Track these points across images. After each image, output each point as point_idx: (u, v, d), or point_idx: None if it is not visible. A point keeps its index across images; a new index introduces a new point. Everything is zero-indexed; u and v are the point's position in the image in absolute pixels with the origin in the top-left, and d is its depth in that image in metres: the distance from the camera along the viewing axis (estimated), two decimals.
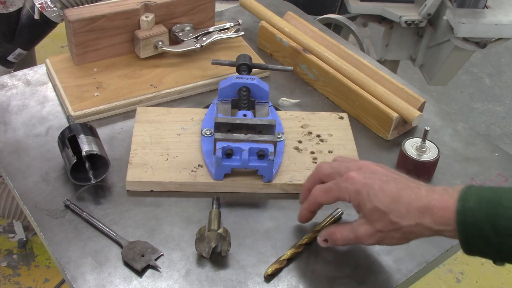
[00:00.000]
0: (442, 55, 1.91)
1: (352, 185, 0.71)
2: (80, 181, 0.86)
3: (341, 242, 0.75)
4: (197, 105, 1.05)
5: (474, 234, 0.63)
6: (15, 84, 1.07)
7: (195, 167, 0.88)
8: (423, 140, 0.92)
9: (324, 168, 0.77)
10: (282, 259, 0.77)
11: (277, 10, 1.29)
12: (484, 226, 0.62)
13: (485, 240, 0.63)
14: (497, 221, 0.61)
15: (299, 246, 0.79)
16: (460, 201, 0.64)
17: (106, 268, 0.76)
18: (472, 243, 0.64)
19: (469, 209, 0.63)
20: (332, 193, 0.74)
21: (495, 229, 0.61)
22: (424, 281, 1.85)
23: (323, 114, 1.01)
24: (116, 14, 1.04)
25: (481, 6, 1.77)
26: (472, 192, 0.65)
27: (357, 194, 0.70)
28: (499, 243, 0.62)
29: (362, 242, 0.72)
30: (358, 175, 0.71)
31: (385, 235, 0.70)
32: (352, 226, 0.73)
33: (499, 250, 0.63)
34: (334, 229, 0.75)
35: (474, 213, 0.63)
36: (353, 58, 1.09)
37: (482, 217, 0.62)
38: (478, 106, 2.75)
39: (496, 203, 0.62)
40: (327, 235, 0.76)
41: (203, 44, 1.12)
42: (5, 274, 1.79)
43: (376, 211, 0.69)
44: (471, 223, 0.63)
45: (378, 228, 0.70)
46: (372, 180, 0.70)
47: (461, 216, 0.64)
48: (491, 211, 0.62)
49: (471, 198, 0.64)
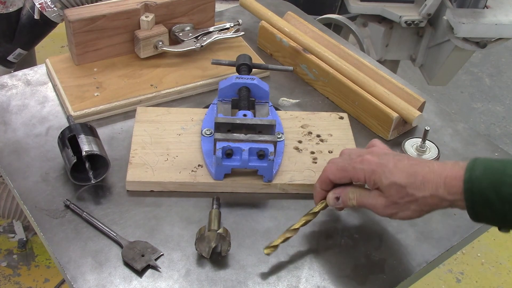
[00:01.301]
0: (442, 55, 1.91)
1: (368, 165, 0.74)
2: (80, 181, 0.86)
3: (354, 202, 0.76)
4: (197, 105, 1.05)
5: (479, 201, 0.66)
6: (15, 84, 1.07)
7: (195, 167, 0.88)
8: (423, 140, 0.92)
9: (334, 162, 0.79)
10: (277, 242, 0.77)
11: (277, 10, 1.29)
12: (489, 193, 0.65)
13: (490, 206, 0.66)
14: (501, 188, 0.65)
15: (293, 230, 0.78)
16: (467, 170, 0.68)
17: (106, 268, 0.76)
18: (478, 210, 0.67)
19: (475, 177, 0.67)
20: (347, 172, 0.76)
21: (499, 196, 0.65)
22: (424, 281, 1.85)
23: (323, 114, 1.01)
24: (116, 14, 1.04)
25: (481, 6, 1.77)
26: (479, 162, 0.68)
27: (372, 173, 0.73)
28: (503, 209, 0.65)
29: (376, 210, 0.75)
30: (372, 157, 0.74)
31: (401, 207, 0.72)
32: (369, 192, 0.75)
33: (503, 216, 0.66)
34: (351, 188, 0.77)
35: (480, 181, 0.66)
36: (353, 58, 1.09)
37: (487, 184, 0.66)
38: (478, 106, 2.75)
39: (501, 172, 0.66)
40: (341, 192, 0.77)
41: (203, 44, 1.12)
42: (5, 274, 1.79)
43: (393, 186, 0.72)
44: (477, 191, 0.66)
45: (394, 200, 0.72)
46: (386, 159, 0.73)
47: (468, 184, 0.67)
48: (496, 179, 0.65)
49: (478, 167, 0.67)
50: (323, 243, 0.82)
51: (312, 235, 0.83)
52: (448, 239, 0.84)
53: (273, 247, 0.77)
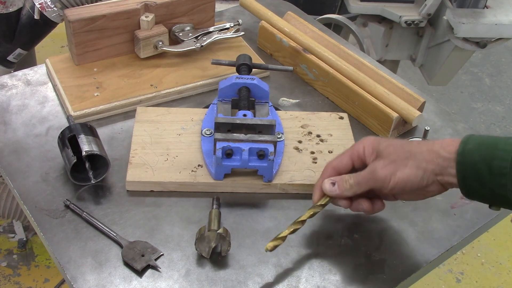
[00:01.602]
0: (442, 55, 1.91)
1: (366, 140, 0.77)
2: (80, 181, 0.86)
3: (351, 181, 0.76)
4: (197, 105, 1.05)
5: (471, 174, 0.68)
6: (15, 84, 1.07)
7: (195, 167, 0.88)
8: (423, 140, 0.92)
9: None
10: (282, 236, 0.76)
11: (277, 10, 1.29)
12: (480, 166, 0.67)
13: (480, 180, 0.67)
14: (492, 162, 0.66)
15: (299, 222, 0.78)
16: (461, 143, 0.70)
17: (106, 268, 0.76)
18: (469, 184, 0.69)
19: (468, 150, 0.69)
20: (345, 152, 0.79)
21: (490, 169, 0.66)
22: (424, 281, 1.85)
23: (323, 114, 1.01)
24: (116, 14, 1.04)
25: (481, 6, 1.77)
26: (474, 137, 0.70)
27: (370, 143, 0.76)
28: (492, 182, 0.67)
29: (375, 174, 0.74)
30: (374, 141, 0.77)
31: (399, 165, 0.73)
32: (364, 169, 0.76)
33: (492, 190, 0.67)
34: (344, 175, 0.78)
35: (472, 154, 0.68)
36: (353, 58, 1.09)
37: (479, 157, 0.67)
38: (478, 106, 2.75)
39: (493, 146, 0.67)
40: (337, 178, 0.78)
41: (203, 44, 1.12)
42: (5, 274, 1.79)
43: (391, 145, 0.75)
44: (469, 163, 0.68)
45: (392, 158, 0.73)
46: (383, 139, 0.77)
47: (460, 157, 0.69)
48: (487, 152, 0.67)
49: (472, 142, 0.69)
50: (323, 243, 0.82)
51: (312, 235, 0.83)
52: (448, 239, 0.84)
53: (280, 239, 0.76)
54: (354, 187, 0.76)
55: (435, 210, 0.88)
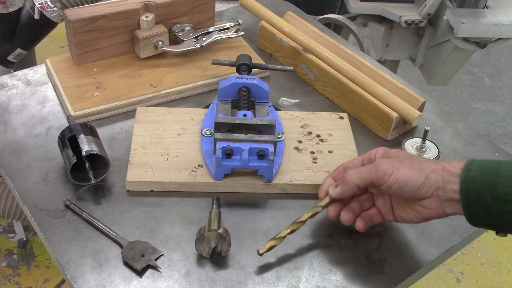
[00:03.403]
0: (442, 55, 1.91)
1: (379, 148, 0.79)
2: (80, 181, 0.86)
3: (354, 176, 0.75)
4: (197, 105, 1.05)
5: (475, 201, 0.68)
6: (15, 84, 1.07)
7: (195, 167, 0.88)
8: (423, 140, 0.92)
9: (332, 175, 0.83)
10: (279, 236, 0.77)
11: (277, 10, 1.29)
12: (484, 192, 0.67)
13: (485, 207, 0.67)
14: (495, 188, 0.66)
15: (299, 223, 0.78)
16: (464, 171, 0.70)
17: (106, 268, 0.76)
18: (474, 211, 0.68)
19: (471, 178, 0.68)
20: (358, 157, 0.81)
21: (494, 196, 0.66)
22: (424, 281, 1.85)
23: (323, 114, 1.01)
24: (116, 14, 1.04)
25: (481, 6, 1.77)
26: (475, 163, 0.70)
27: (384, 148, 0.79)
28: (497, 209, 0.66)
29: (380, 164, 0.74)
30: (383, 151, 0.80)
31: (403, 164, 0.73)
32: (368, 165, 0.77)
33: (498, 217, 0.67)
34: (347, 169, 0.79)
35: (475, 181, 0.68)
36: (353, 58, 1.09)
37: (482, 184, 0.67)
38: (478, 106, 2.75)
39: (496, 172, 0.67)
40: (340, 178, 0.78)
41: (203, 44, 1.12)
42: (5, 274, 1.79)
43: (401, 152, 0.77)
44: (472, 191, 0.68)
45: (399, 158, 0.75)
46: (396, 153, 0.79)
47: (464, 185, 0.69)
48: (490, 179, 0.67)
49: (474, 168, 0.69)
50: (323, 243, 0.82)
51: (312, 235, 0.83)
52: (448, 239, 0.84)
53: (277, 239, 0.76)
54: (354, 176, 0.75)
55: None
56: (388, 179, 0.72)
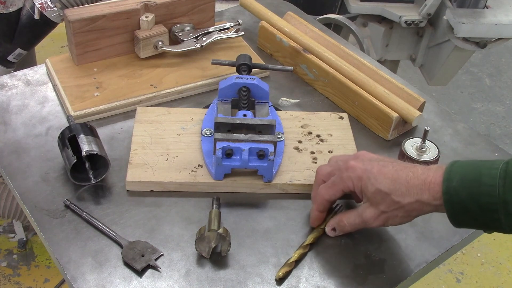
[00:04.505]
0: (442, 55, 1.91)
1: (353, 172, 0.75)
2: (80, 181, 0.86)
3: (349, 228, 0.79)
4: (197, 105, 1.05)
5: (460, 211, 0.67)
6: (15, 84, 1.07)
7: (195, 167, 0.88)
8: (423, 140, 0.92)
9: (323, 169, 0.81)
10: (291, 261, 0.77)
11: (277, 10, 1.29)
12: (469, 204, 0.66)
13: (472, 216, 0.67)
14: (480, 199, 0.65)
15: (305, 246, 0.79)
16: (444, 181, 0.68)
17: (106, 268, 0.76)
18: (460, 219, 0.68)
19: (452, 188, 0.67)
20: (337, 186, 0.78)
21: (479, 206, 0.65)
22: (424, 281, 1.85)
23: (323, 114, 1.01)
24: (116, 14, 1.04)
25: (481, 6, 1.77)
26: (455, 171, 0.68)
27: (359, 180, 0.75)
28: (484, 218, 0.66)
29: (368, 225, 0.76)
30: (357, 163, 0.76)
31: (389, 215, 0.74)
32: (357, 211, 0.77)
33: (486, 224, 0.67)
34: (341, 216, 0.80)
35: (458, 192, 0.66)
36: (353, 58, 1.09)
37: (466, 196, 0.66)
38: (478, 106, 2.75)
39: (477, 181, 0.65)
40: (335, 223, 0.80)
41: (203, 44, 1.12)
42: (5, 274, 1.79)
43: (378, 193, 0.73)
44: (457, 202, 0.67)
45: (382, 209, 0.73)
46: (370, 165, 0.74)
47: (446, 196, 0.67)
48: (473, 189, 0.65)
49: (454, 177, 0.67)
50: (323, 243, 0.82)
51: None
52: (448, 239, 0.84)
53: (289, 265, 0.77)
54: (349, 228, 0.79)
55: None
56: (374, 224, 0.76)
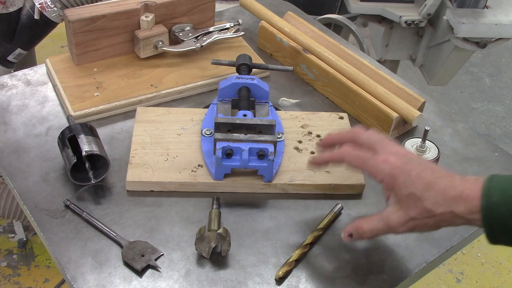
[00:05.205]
0: (442, 55, 1.91)
1: (390, 169, 0.70)
2: (80, 181, 0.86)
3: (369, 234, 0.73)
4: (197, 105, 1.05)
5: (499, 228, 0.64)
6: (15, 84, 1.07)
7: (195, 167, 0.88)
8: (423, 140, 0.92)
9: (362, 134, 0.76)
10: (290, 260, 0.77)
11: (277, 10, 1.29)
12: (510, 220, 0.62)
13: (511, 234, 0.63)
14: None
15: (305, 246, 0.79)
16: (484, 197, 0.64)
17: (106, 268, 0.76)
18: (499, 236, 0.65)
19: (493, 204, 0.64)
20: (365, 166, 0.73)
21: None
22: (424, 281, 1.85)
23: (323, 114, 1.01)
24: (116, 14, 1.04)
25: (481, 6, 1.77)
26: (495, 185, 0.65)
27: (393, 179, 0.70)
28: None
29: (394, 231, 0.71)
30: (397, 160, 0.71)
31: (418, 223, 0.69)
32: (382, 216, 0.71)
33: None
34: (361, 221, 0.73)
35: (498, 208, 0.63)
36: (353, 58, 1.09)
37: (507, 211, 0.63)
38: (478, 106, 2.75)
39: None
40: (353, 229, 0.74)
41: (203, 44, 1.12)
42: (5, 274, 1.79)
43: (411, 198, 0.68)
44: (496, 218, 0.63)
45: (412, 215, 0.69)
46: (409, 166, 0.70)
47: (485, 211, 0.64)
48: None
49: (495, 192, 0.64)
50: (323, 243, 0.82)
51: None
52: (448, 239, 0.84)
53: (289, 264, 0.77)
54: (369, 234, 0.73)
55: None
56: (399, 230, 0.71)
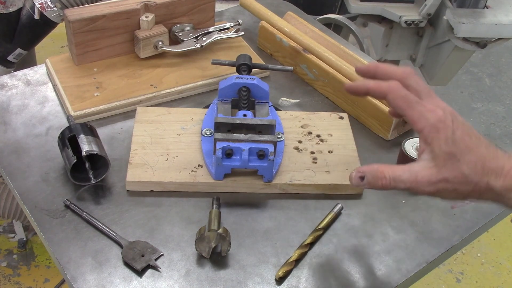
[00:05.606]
0: (442, 55, 1.91)
1: (436, 120, 0.65)
2: (80, 181, 0.86)
3: (387, 182, 0.65)
4: (197, 105, 1.05)
5: None
6: (15, 84, 1.07)
7: (195, 167, 0.88)
8: None
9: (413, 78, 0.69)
10: (290, 260, 0.77)
11: (277, 10, 1.29)
12: None
13: None
14: None
15: (305, 246, 0.79)
16: None
17: (106, 268, 0.76)
18: None
19: None
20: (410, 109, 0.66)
21: None
22: (424, 281, 1.85)
23: (323, 114, 1.01)
24: (116, 14, 1.04)
25: (481, 6, 1.77)
26: None
27: (435, 131, 0.64)
28: None
29: (419, 188, 0.65)
30: (444, 115, 0.65)
31: (449, 186, 0.64)
32: (410, 167, 0.65)
33: None
34: (381, 166, 0.66)
35: None
36: (353, 58, 1.09)
37: None
38: (478, 106, 2.75)
39: None
40: (369, 170, 0.66)
41: (203, 44, 1.12)
42: (5, 274, 1.79)
43: (450, 157, 0.63)
44: None
45: (446, 175, 0.64)
46: (456, 125, 0.65)
47: None
48: None
49: None
50: (323, 243, 0.82)
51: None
52: (448, 239, 0.84)
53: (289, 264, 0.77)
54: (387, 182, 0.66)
55: (435, 210, 0.88)
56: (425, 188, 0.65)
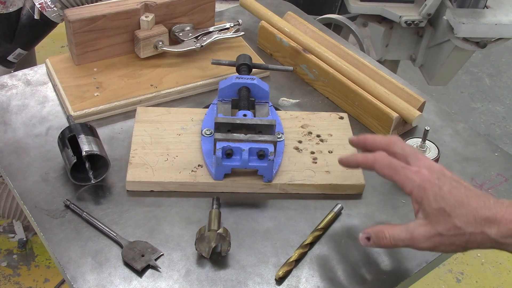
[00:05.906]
0: (442, 55, 1.91)
1: (421, 180, 0.68)
2: (80, 181, 0.86)
3: (388, 241, 0.70)
4: (197, 105, 1.05)
5: None
6: (15, 84, 1.07)
7: (195, 167, 0.88)
8: (423, 140, 0.92)
9: (398, 144, 0.74)
10: (290, 260, 0.77)
11: (277, 10, 1.29)
12: None
13: None
14: None
15: (305, 246, 0.79)
16: None
17: (106, 268, 0.76)
18: None
19: None
20: (396, 175, 0.70)
21: None
22: (424, 281, 1.85)
23: (323, 114, 1.01)
24: (116, 14, 1.04)
25: (481, 6, 1.77)
26: None
27: (422, 191, 0.68)
28: None
29: (416, 244, 0.68)
30: (429, 174, 0.68)
31: (444, 240, 0.66)
32: (406, 226, 0.69)
33: None
34: (382, 227, 0.70)
35: None
36: (353, 58, 1.09)
37: None
38: (478, 106, 2.75)
39: None
40: (373, 232, 0.71)
41: (203, 44, 1.12)
42: (5, 274, 1.79)
43: (441, 213, 0.66)
44: None
45: (439, 230, 0.66)
46: (442, 182, 0.68)
47: None
48: None
49: None
50: (323, 243, 0.82)
51: None
52: None
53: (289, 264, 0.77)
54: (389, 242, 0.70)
55: None
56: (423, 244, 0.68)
